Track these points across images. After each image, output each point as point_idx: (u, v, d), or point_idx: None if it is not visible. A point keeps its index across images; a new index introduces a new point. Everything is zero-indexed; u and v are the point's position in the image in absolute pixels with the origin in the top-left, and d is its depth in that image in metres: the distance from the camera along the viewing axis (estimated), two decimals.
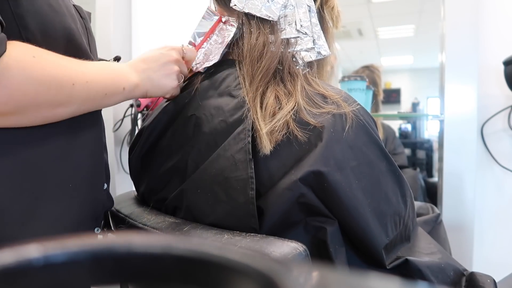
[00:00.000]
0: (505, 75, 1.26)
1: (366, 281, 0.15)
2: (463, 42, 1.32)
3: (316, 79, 0.62)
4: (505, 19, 1.34)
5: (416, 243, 0.65)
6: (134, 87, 0.61)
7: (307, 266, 0.16)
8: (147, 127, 0.69)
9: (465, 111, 1.33)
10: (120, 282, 0.18)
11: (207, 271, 0.17)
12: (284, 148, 0.54)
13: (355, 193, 0.53)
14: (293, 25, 0.63)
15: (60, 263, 0.16)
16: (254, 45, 0.61)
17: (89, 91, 0.55)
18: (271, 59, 0.59)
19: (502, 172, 1.36)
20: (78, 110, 0.56)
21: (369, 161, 0.56)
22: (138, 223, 0.60)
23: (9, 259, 0.15)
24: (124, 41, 1.79)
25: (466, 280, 0.62)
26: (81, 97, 0.54)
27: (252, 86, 0.58)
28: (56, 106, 0.52)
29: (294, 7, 0.63)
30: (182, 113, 0.65)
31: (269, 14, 0.61)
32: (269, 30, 0.61)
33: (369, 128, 0.57)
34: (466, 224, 1.33)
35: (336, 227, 0.54)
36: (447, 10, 1.34)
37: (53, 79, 0.50)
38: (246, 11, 0.61)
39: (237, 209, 0.53)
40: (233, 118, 0.58)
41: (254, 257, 0.16)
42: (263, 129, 0.53)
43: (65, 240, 0.17)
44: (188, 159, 0.61)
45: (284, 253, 0.46)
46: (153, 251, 0.17)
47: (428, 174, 2.29)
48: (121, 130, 1.68)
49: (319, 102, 0.57)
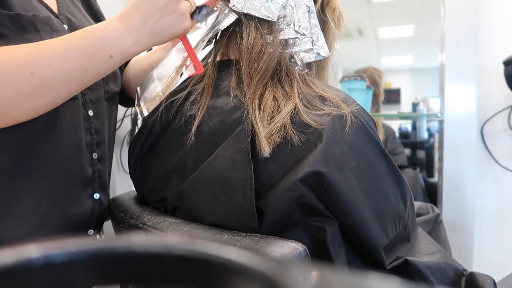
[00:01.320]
0: (505, 75, 1.26)
1: (366, 281, 0.15)
2: (463, 42, 1.32)
3: (315, 80, 0.62)
4: (505, 19, 1.34)
5: (416, 243, 0.65)
6: (128, 48, 0.55)
7: (307, 266, 0.16)
8: (146, 126, 0.69)
9: (465, 111, 1.33)
10: (120, 282, 0.18)
11: (207, 271, 0.17)
12: (284, 149, 0.54)
13: (355, 194, 0.53)
14: (292, 25, 0.62)
15: (60, 263, 0.16)
16: (252, 46, 0.60)
17: (60, 72, 0.52)
18: (269, 59, 0.59)
19: (502, 172, 1.36)
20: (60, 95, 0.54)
21: (369, 162, 0.56)
22: (138, 223, 0.60)
23: (9, 259, 0.15)
24: None
25: (465, 280, 0.62)
26: (51, 81, 0.51)
27: (250, 88, 0.58)
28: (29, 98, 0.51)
29: (293, 8, 0.63)
30: (181, 113, 0.65)
31: (268, 14, 0.61)
32: (268, 31, 0.61)
33: (368, 129, 0.57)
34: (466, 224, 1.33)
35: (336, 227, 0.54)
36: (447, 10, 1.34)
37: (6, 74, 0.49)
38: (245, 11, 0.61)
39: (237, 209, 0.53)
40: (232, 118, 0.58)
41: (254, 257, 0.16)
42: (262, 132, 0.53)
43: (65, 240, 0.17)
44: (187, 159, 0.61)
45: (284, 253, 0.46)
46: (153, 251, 0.17)
47: (428, 174, 2.29)
48: (121, 130, 1.68)
49: (318, 104, 0.57)
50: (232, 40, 0.66)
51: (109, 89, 0.78)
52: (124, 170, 1.73)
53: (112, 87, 0.79)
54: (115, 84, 0.81)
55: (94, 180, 0.72)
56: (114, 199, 0.75)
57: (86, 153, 0.70)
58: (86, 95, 0.71)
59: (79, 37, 0.54)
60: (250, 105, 0.56)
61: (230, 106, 0.59)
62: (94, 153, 0.72)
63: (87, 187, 0.70)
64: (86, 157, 0.70)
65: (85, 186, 0.70)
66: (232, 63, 0.64)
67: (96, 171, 0.72)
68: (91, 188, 0.71)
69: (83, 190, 0.70)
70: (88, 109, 0.72)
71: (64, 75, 0.52)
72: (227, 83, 0.62)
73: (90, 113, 0.72)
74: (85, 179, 0.70)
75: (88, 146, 0.71)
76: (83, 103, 0.70)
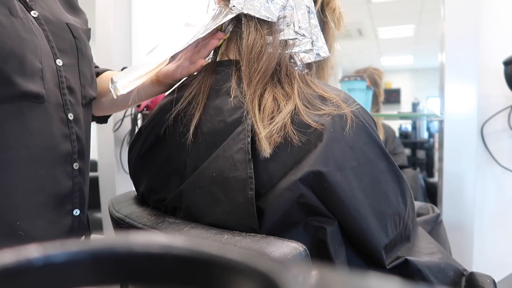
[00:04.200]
0: (505, 75, 1.26)
1: (366, 281, 0.15)
2: (463, 42, 1.32)
3: (315, 80, 0.62)
4: (505, 19, 1.34)
5: (416, 243, 0.65)
6: None
7: (307, 266, 0.16)
8: (146, 126, 0.69)
9: (465, 111, 1.33)
10: (120, 282, 0.18)
11: (207, 271, 0.17)
12: (284, 149, 0.54)
13: (355, 193, 0.53)
14: (292, 26, 0.62)
15: (60, 263, 0.16)
16: (252, 46, 0.60)
17: None
18: (269, 60, 0.59)
19: (502, 172, 1.36)
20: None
21: (369, 161, 0.56)
22: (138, 223, 0.60)
23: (9, 259, 0.15)
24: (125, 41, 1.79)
25: (466, 280, 0.62)
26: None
27: (250, 88, 0.58)
28: None
29: (293, 8, 0.63)
30: (181, 113, 0.65)
31: (268, 15, 0.61)
32: (267, 31, 0.61)
33: (369, 128, 0.57)
34: (466, 224, 1.33)
35: (336, 227, 0.54)
36: (447, 10, 1.34)
37: None
38: (245, 12, 0.61)
39: (237, 209, 0.53)
40: (232, 118, 0.58)
41: (254, 257, 0.16)
42: (262, 132, 0.53)
43: (65, 240, 0.17)
44: (187, 159, 0.61)
45: (284, 253, 0.46)
46: (153, 251, 0.17)
47: (428, 174, 2.29)
48: (121, 130, 1.68)
49: (318, 104, 0.57)
50: (232, 40, 0.66)
51: (86, 94, 0.72)
52: (124, 170, 1.73)
53: (89, 91, 0.73)
54: (91, 89, 0.75)
55: (74, 193, 0.65)
56: (113, 199, 0.75)
57: (64, 163, 0.63)
58: (65, 95, 0.65)
59: None
60: (250, 105, 0.56)
61: (230, 106, 0.59)
62: (75, 163, 0.65)
63: (66, 202, 0.64)
64: (64, 168, 0.64)
65: (64, 202, 0.64)
66: (232, 63, 0.64)
67: (76, 183, 0.65)
68: (70, 203, 0.65)
69: (61, 207, 0.63)
70: (68, 111, 0.65)
71: None
72: (227, 83, 0.62)
73: (70, 116, 0.65)
74: (63, 194, 0.63)
75: (67, 156, 0.64)
76: (62, 105, 0.64)
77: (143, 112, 1.62)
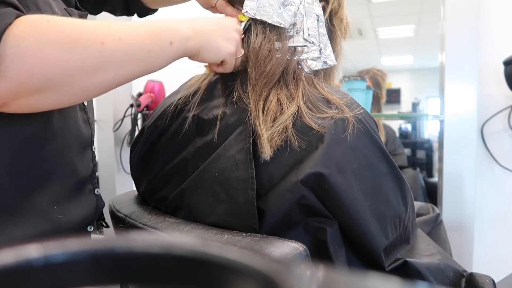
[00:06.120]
0: (505, 75, 1.26)
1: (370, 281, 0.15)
2: (463, 42, 1.32)
3: (322, 84, 0.62)
4: (505, 19, 1.34)
5: (415, 245, 0.65)
6: (185, 40, 0.55)
7: (312, 266, 0.16)
8: (148, 126, 0.69)
9: (465, 111, 1.33)
10: (120, 282, 0.18)
11: (207, 271, 0.16)
12: (285, 150, 0.54)
13: (356, 195, 0.53)
14: (301, 33, 0.63)
15: (60, 263, 0.16)
16: (259, 49, 0.61)
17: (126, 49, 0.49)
18: (277, 65, 0.59)
19: (502, 172, 1.36)
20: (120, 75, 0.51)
21: (370, 163, 0.56)
22: (138, 223, 0.60)
23: (9, 259, 0.15)
24: None
25: (465, 281, 0.62)
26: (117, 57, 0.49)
27: (256, 90, 0.58)
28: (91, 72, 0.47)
29: (303, 16, 0.63)
30: (184, 113, 0.65)
31: (281, 21, 0.61)
32: (276, 37, 0.61)
33: (370, 131, 0.57)
34: (466, 224, 1.33)
35: (336, 227, 0.54)
36: (447, 10, 1.34)
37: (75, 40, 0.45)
38: (258, 17, 0.61)
39: (238, 209, 0.53)
40: (235, 118, 0.58)
41: (254, 257, 0.16)
42: (264, 134, 0.53)
43: (65, 240, 0.17)
44: (189, 158, 0.61)
45: (284, 253, 0.46)
46: (153, 251, 0.17)
47: (428, 174, 2.29)
48: (121, 130, 1.68)
49: (322, 107, 0.57)
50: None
51: None
52: (124, 170, 1.73)
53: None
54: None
55: (93, 174, 0.69)
56: (114, 199, 0.75)
57: (87, 147, 0.67)
58: None
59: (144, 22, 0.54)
60: (254, 107, 0.57)
61: (233, 107, 0.59)
62: (93, 145, 0.69)
63: (88, 183, 0.68)
64: (88, 152, 0.67)
65: (87, 183, 0.67)
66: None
67: (95, 165, 0.69)
68: (91, 184, 0.68)
69: (85, 188, 0.67)
70: None
71: (130, 53, 0.50)
72: (231, 83, 0.62)
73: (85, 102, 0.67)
74: (87, 176, 0.67)
75: (89, 140, 0.67)
76: None
77: (143, 112, 1.62)
